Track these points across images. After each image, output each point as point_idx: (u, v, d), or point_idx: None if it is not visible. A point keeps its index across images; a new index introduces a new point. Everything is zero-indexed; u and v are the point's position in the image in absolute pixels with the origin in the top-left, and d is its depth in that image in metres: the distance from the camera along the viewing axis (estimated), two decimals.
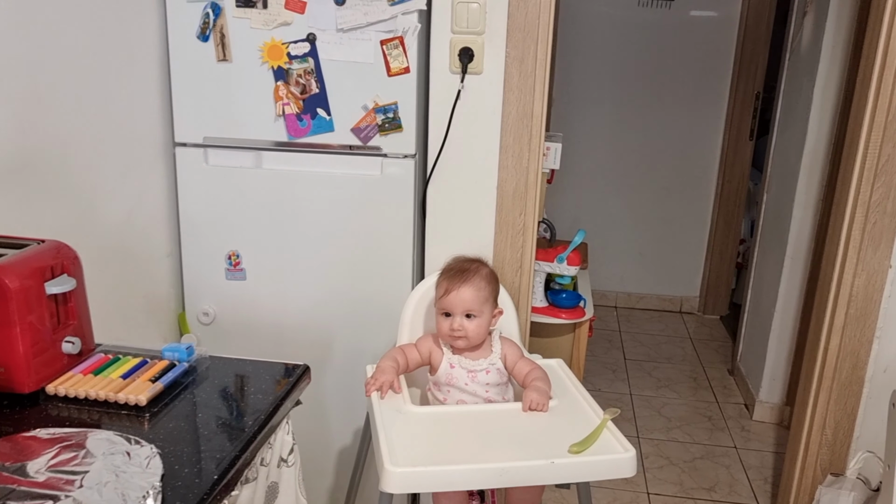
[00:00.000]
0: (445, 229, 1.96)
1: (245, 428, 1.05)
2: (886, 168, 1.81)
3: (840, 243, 1.90)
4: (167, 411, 1.09)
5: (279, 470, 1.19)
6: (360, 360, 1.87)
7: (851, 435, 2.00)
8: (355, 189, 1.89)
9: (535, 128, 1.86)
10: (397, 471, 1.23)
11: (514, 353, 1.61)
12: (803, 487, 2.06)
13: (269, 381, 1.20)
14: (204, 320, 2.01)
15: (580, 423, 1.42)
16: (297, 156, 1.89)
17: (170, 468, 0.94)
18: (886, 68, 1.75)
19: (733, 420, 2.95)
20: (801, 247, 2.75)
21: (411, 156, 1.87)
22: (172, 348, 1.21)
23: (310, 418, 1.94)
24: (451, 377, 1.59)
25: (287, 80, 1.84)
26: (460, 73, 1.83)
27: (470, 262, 1.62)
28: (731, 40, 3.63)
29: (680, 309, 4.04)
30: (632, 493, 2.44)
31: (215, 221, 1.95)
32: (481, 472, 1.27)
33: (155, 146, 1.91)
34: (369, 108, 1.84)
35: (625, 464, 1.32)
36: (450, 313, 1.57)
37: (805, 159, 2.66)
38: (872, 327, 1.91)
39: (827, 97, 2.58)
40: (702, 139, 3.77)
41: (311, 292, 1.97)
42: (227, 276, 1.98)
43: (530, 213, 1.93)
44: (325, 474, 2.10)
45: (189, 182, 1.94)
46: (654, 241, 3.96)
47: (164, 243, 1.97)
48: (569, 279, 2.30)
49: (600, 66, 3.76)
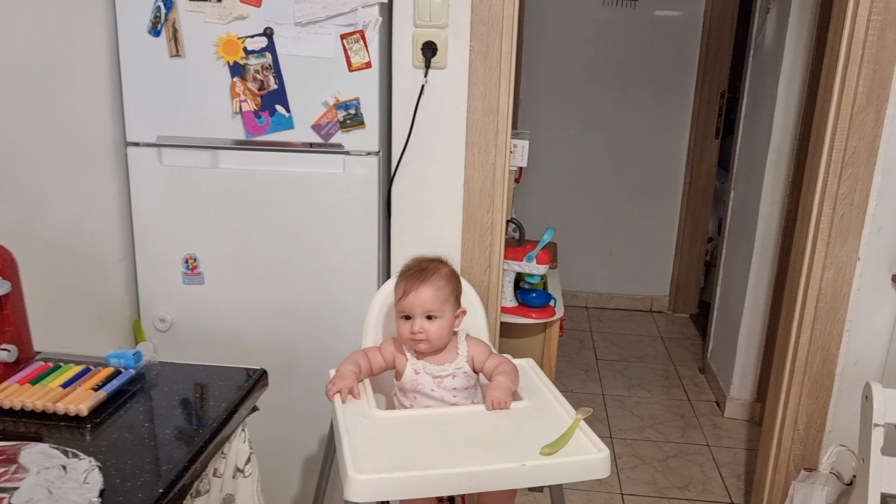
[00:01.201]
0: (411, 229, 1.91)
1: (195, 437, 0.99)
2: (853, 160, 1.80)
3: (808, 237, 1.89)
4: (111, 422, 1.02)
5: (235, 481, 1.12)
6: (325, 366, 1.80)
7: (823, 429, 1.99)
8: (317, 188, 1.83)
9: (502, 123, 1.82)
10: (361, 478, 1.17)
11: (482, 352, 1.56)
12: (776, 483, 2.04)
13: (223, 387, 1.14)
14: (160, 327, 1.92)
15: (552, 423, 1.38)
16: (255, 154, 1.83)
17: (111, 482, 0.87)
18: (851, 60, 1.74)
19: (705, 417, 2.93)
20: (768, 243, 2.75)
21: (375, 153, 1.82)
22: (118, 355, 1.14)
23: (273, 426, 1.88)
24: (417, 383, 1.53)
25: (244, 76, 1.77)
26: (424, 68, 1.79)
27: (428, 262, 1.56)
28: (695, 39, 3.64)
29: (650, 308, 4.04)
30: (606, 495, 2.40)
31: (171, 224, 1.88)
32: (450, 478, 1.22)
33: (105, 146, 1.82)
34: (330, 105, 1.78)
35: (598, 464, 1.27)
36: (409, 316, 1.51)
37: (771, 155, 2.66)
38: (842, 320, 1.90)
39: (791, 93, 2.58)
40: (668, 138, 3.78)
41: (273, 296, 1.90)
42: (184, 280, 1.91)
43: (498, 211, 1.89)
44: (290, 484, 2.03)
45: (142, 183, 1.86)
46: (624, 241, 3.95)
47: (117, 247, 1.89)
48: (538, 278, 2.26)
49: (566, 66, 3.74)
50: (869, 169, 1.79)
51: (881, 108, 1.75)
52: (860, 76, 1.74)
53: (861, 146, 1.78)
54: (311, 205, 1.84)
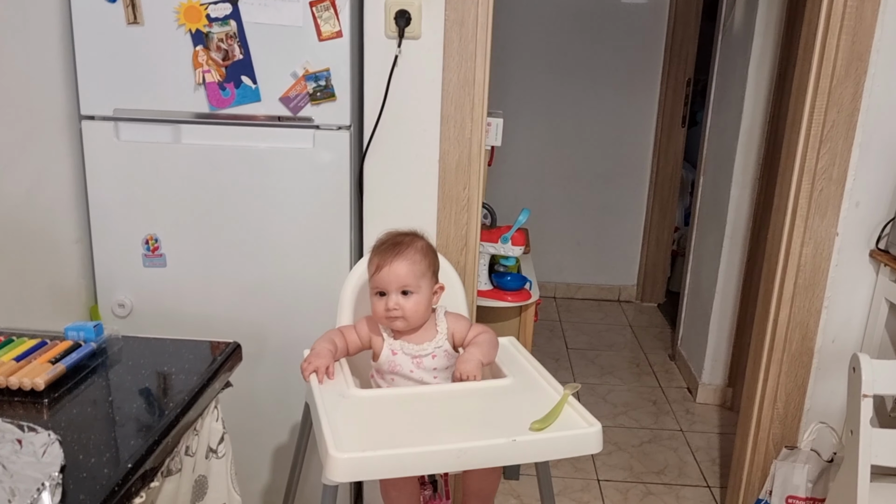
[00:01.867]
0: (385, 206, 1.84)
1: (166, 410, 0.90)
2: (831, 134, 1.79)
3: (787, 213, 1.87)
4: (71, 397, 0.93)
5: (208, 462, 1.04)
6: (296, 351, 1.71)
7: (802, 407, 1.97)
8: (286, 164, 1.75)
9: (478, 96, 1.76)
10: (343, 457, 1.10)
11: (463, 325, 1.49)
12: (756, 463, 2.02)
13: (193, 360, 1.05)
14: (119, 312, 1.81)
15: (539, 400, 1.32)
16: (219, 129, 1.74)
17: (72, 458, 0.78)
18: (829, 33, 1.73)
19: (677, 403, 2.92)
20: (739, 226, 2.75)
21: (346, 127, 1.74)
22: (77, 327, 1.05)
23: (242, 414, 1.78)
24: (394, 364, 1.45)
25: (207, 46, 1.68)
26: (397, 38, 1.72)
27: (403, 235, 1.48)
28: (661, 27, 3.63)
29: (618, 298, 4.02)
30: (582, 481, 2.36)
31: (130, 203, 1.77)
32: (437, 455, 1.15)
33: (57, 119, 1.71)
34: (299, 76, 1.70)
35: (591, 439, 1.22)
36: (384, 292, 1.43)
37: (742, 138, 2.65)
38: (821, 296, 1.89)
39: (762, 74, 2.58)
40: (635, 126, 3.77)
41: (240, 278, 1.81)
42: (145, 262, 1.80)
43: (474, 188, 1.83)
44: (260, 475, 1.94)
45: (98, 159, 1.75)
46: (592, 230, 3.93)
47: (72, 228, 1.78)
48: (514, 260, 2.21)
49: (533, 53, 3.71)
50: (847, 143, 1.78)
51: (859, 80, 1.74)
52: (839, 48, 1.72)
53: (840, 119, 1.77)
54: (279, 182, 1.75)
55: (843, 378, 1.92)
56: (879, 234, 1.83)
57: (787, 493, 1.87)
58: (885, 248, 1.81)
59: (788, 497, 1.87)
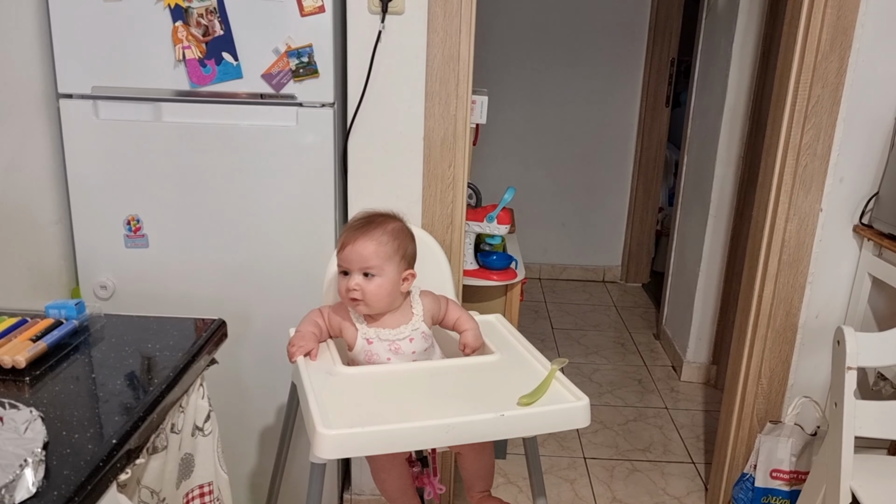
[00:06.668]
0: (369, 184, 1.82)
1: (151, 387, 0.89)
2: (816, 109, 1.79)
3: (772, 188, 1.87)
4: (53, 375, 0.91)
5: (194, 440, 1.02)
6: (280, 331, 1.70)
7: (786, 383, 1.99)
8: (268, 142, 1.72)
9: (463, 72, 1.75)
10: (331, 433, 1.09)
11: (439, 303, 1.46)
12: (740, 439, 2.04)
13: (177, 337, 1.03)
14: (101, 294, 1.79)
15: (527, 375, 1.32)
16: (201, 107, 1.70)
17: (56, 435, 0.77)
18: (815, 7, 1.73)
19: (662, 382, 2.94)
20: (723, 204, 2.76)
21: (329, 104, 1.72)
22: (58, 305, 1.03)
23: (228, 395, 1.78)
24: (371, 354, 1.39)
25: (187, 21, 1.65)
26: (380, 13, 1.69)
27: (377, 215, 1.42)
28: (645, 6, 3.62)
29: (603, 278, 4.04)
30: (569, 459, 2.37)
31: (110, 183, 1.74)
32: (426, 430, 1.14)
33: (34, 98, 1.67)
34: (281, 52, 1.67)
35: (579, 412, 1.22)
36: (347, 271, 1.38)
37: (726, 115, 2.65)
38: (805, 273, 1.90)
39: (745, 52, 2.58)
40: (619, 106, 3.76)
41: (224, 259, 1.79)
42: (127, 243, 1.77)
43: (460, 166, 1.82)
44: (247, 456, 1.93)
45: (77, 139, 1.72)
46: (576, 211, 3.93)
47: (51, 209, 1.75)
48: (499, 239, 2.20)
49: (517, 34, 3.68)
50: (832, 118, 1.78)
51: (844, 55, 1.74)
52: (824, 23, 1.72)
53: (825, 94, 1.77)
54: (262, 160, 1.73)
55: (826, 353, 1.94)
56: (863, 210, 1.84)
57: (772, 467, 1.89)
58: (869, 223, 1.82)
59: (773, 470, 1.89)
